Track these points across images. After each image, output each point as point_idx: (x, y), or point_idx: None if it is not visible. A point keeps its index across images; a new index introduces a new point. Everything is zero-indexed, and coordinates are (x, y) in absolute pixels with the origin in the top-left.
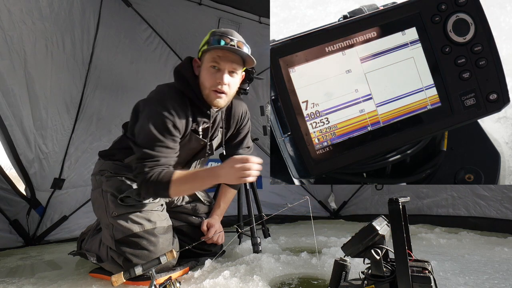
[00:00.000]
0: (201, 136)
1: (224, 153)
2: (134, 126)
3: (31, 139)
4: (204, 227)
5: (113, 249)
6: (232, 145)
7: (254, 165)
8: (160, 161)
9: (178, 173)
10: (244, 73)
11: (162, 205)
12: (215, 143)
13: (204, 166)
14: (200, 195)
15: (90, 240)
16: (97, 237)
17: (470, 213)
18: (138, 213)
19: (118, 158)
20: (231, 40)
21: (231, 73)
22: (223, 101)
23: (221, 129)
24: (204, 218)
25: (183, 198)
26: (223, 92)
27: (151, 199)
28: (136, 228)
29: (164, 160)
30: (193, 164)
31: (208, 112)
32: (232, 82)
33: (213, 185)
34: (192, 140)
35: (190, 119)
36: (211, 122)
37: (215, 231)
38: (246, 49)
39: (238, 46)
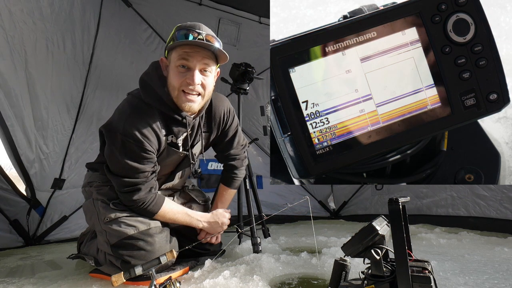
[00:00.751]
0: (180, 149)
1: (216, 154)
2: (103, 149)
3: (32, 139)
4: None
5: (110, 254)
6: (222, 148)
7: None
8: (142, 187)
9: (165, 208)
10: (219, 69)
11: None
12: (197, 149)
13: (192, 170)
14: (194, 195)
15: (88, 243)
16: (95, 241)
17: (469, 213)
18: (130, 217)
19: (103, 173)
20: (199, 34)
21: (203, 71)
22: (196, 105)
23: (203, 134)
24: None
25: (177, 199)
26: (196, 94)
27: None
28: (130, 231)
29: (145, 185)
30: (178, 174)
31: (184, 120)
32: (205, 81)
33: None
34: (170, 154)
35: (163, 133)
36: (189, 130)
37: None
38: (218, 44)
39: (207, 40)
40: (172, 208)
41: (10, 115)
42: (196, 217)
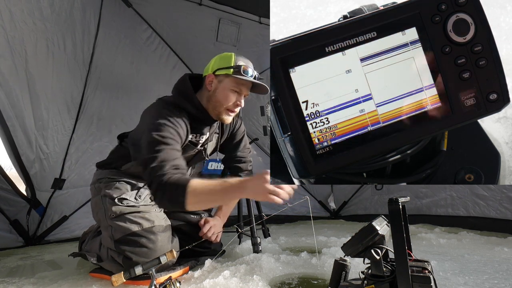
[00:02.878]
0: (199, 146)
1: (223, 156)
2: (116, 153)
3: (33, 139)
4: (202, 222)
5: (113, 249)
6: (229, 149)
7: (286, 187)
8: (168, 163)
9: (197, 180)
10: None
11: None
12: (209, 148)
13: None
14: None
15: (90, 241)
16: (98, 239)
17: (469, 213)
18: (135, 214)
19: (115, 166)
20: (252, 71)
21: (244, 96)
22: (231, 118)
23: (216, 135)
24: (203, 216)
25: None
26: (235, 112)
27: (148, 201)
28: (134, 228)
29: (173, 162)
30: (188, 172)
31: (213, 125)
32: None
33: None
34: (187, 150)
35: (189, 130)
36: (212, 131)
37: (210, 227)
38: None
39: (256, 76)
40: (204, 181)
41: (11, 115)
42: (243, 181)
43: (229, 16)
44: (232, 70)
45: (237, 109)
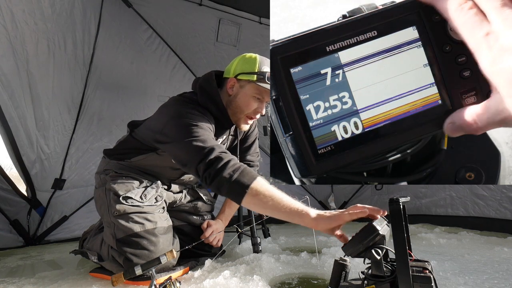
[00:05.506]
0: None
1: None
2: (125, 142)
3: (34, 139)
4: (204, 225)
5: (114, 248)
6: (240, 150)
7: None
8: (215, 146)
9: (263, 181)
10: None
11: (163, 208)
12: None
13: None
14: (202, 193)
15: (92, 239)
16: (99, 237)
17: (469, 213)
18: (139, 213)
19: (123, 158)
20: None
21: (266, 102)
22: (249, 126)
23: (231, 137)
24: (206, 217)
25: (185, 196)
26: (254, 119)
27: (153, 201)
28: (137, 228)
29: (222, 147)
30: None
31: (230, 129)
32: None
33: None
34: None
35: (213, 131)
36: (229, 135)
37: (212, 231)
38: None
39: None
40: (269, 186)
41: (13, 115)
42: (311, 212)
43: (229, 16)
44: (256, 76)
45: (258, 116)
